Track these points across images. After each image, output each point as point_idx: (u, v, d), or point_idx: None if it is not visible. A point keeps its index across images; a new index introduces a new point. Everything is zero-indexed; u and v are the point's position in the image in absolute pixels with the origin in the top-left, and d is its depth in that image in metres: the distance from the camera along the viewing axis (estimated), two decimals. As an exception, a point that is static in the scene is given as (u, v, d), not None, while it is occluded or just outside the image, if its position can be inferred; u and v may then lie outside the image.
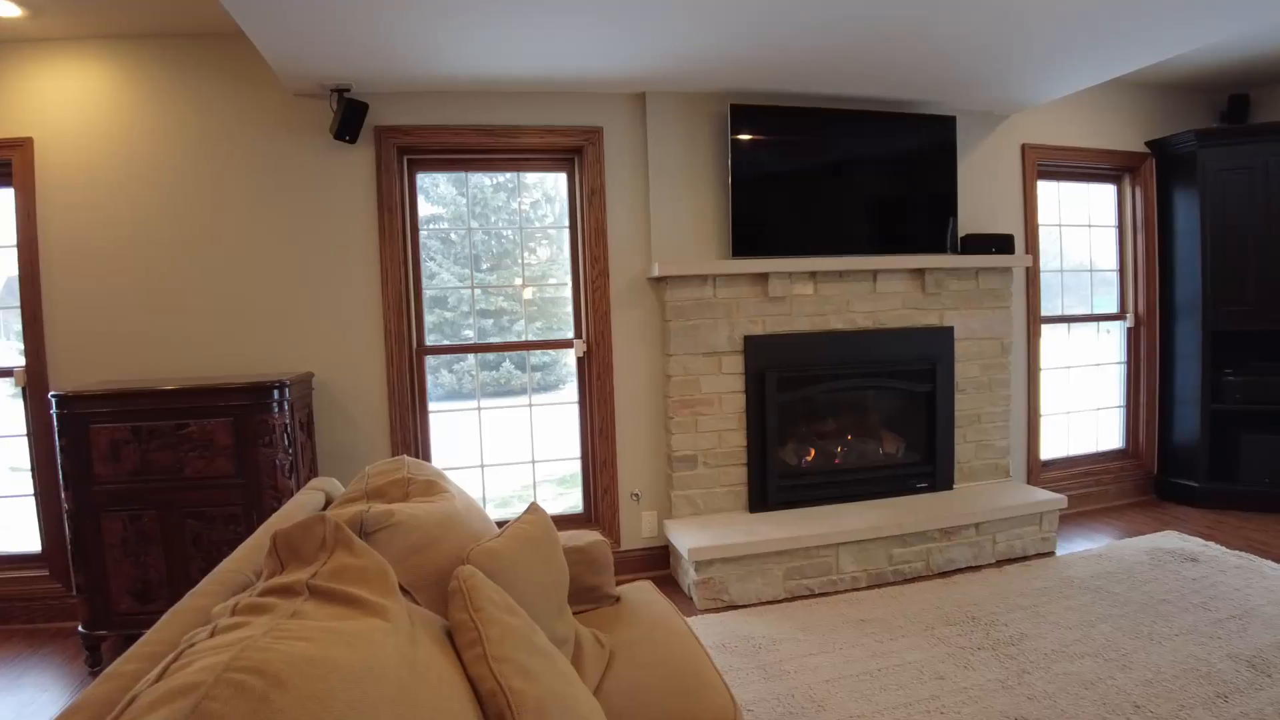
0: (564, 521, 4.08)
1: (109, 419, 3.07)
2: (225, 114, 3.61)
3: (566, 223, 4.15)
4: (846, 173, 4.19)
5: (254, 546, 1.63)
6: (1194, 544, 4.18)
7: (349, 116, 3.57)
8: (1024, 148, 4.77)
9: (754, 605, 3.62)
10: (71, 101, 3.50)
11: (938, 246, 4.36)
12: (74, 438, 3.06)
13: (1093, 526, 4.71)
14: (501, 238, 4.15)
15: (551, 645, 1.52)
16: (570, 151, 4.00)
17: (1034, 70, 3.84)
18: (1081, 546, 4.31)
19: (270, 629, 1.00)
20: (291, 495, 3.15)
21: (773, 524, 3.85)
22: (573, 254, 4.13)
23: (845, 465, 4.35)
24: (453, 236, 4.07)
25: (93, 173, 3.52)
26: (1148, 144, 5.13)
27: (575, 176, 4.06)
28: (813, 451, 4.35)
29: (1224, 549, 4.07)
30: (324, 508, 2.05)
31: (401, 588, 1.58)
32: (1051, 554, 4.20)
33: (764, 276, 4.01)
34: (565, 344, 4.13)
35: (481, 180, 4.11)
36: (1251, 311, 4.75)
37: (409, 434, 3.83)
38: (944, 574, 3.95)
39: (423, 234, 3.99)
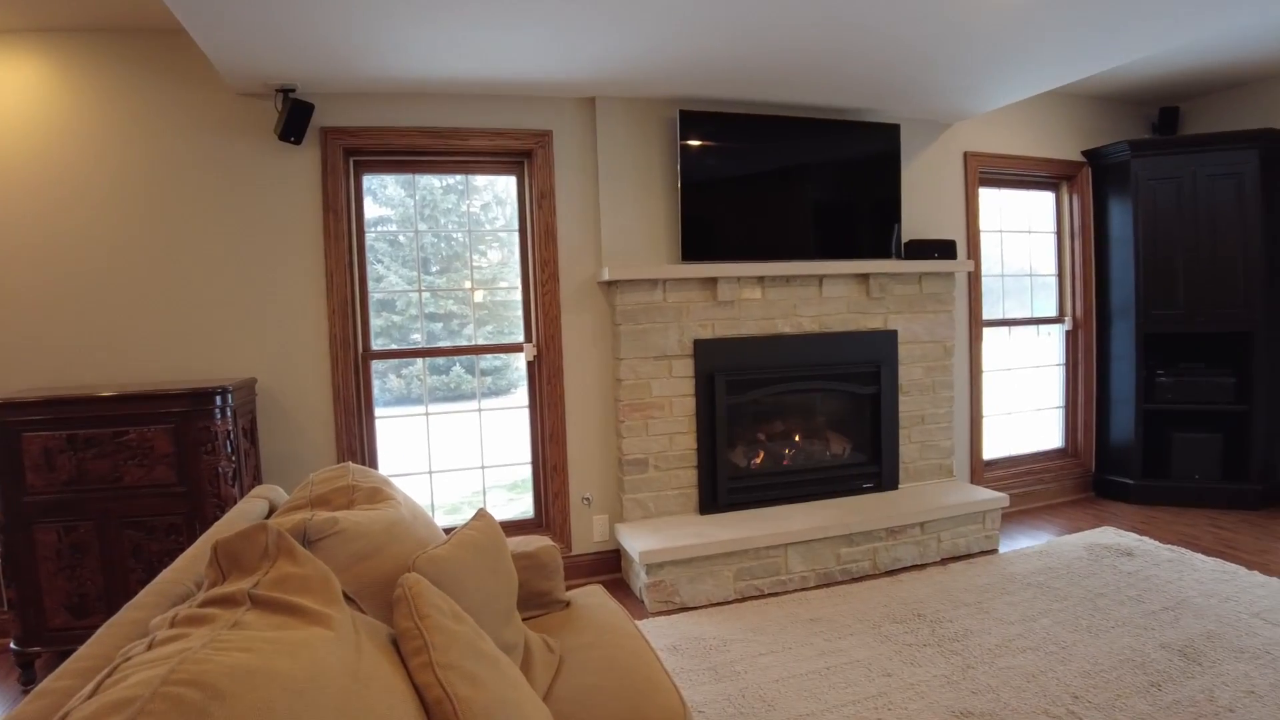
0: (515, 527, 4.06)
1: (42, 427, 2.97)
2: (166, 113, 3.52)
3: (517, 226, 4.13)
4: (794, 178, 4.25)
5: (194, 556, 1.60)
6: (1129, 539, 4.32)
7: (294, 117, 3.50)
8: (966, 155, 4.89)
9: (705, 607, 3.65)
10: (1, 97, 3.39)
11: (882, 252, 4.44)
12: (5, 447, 2.95)
13: (1034, 524, 4.84)
14: (451, 240, 4.12)
15: (499, 651, 1.52)
16: (520, 155, 3.99)
17: (975, 80, 3.94)
18: (1023, 543, 4.43)
19: (210, 640, 0.99)
20: (235, 504, 3.08)
21: (723, 525, 3.88)
22: (522, 257, 4.11)
23: (793, 466, 4.40)
24: (401, 239, 4.03)
25: (24, 171, 3.40)
26: (1084, 153, 5.30)
27: (525, 180, 4.05)
28: (761, 453, 4.40)
29: (1157, 543, 4.22)
30: (268, 516, 2.02)
31: (346, 596, 1.56)
32: (994, 551, 4.31)
33: (713, 281, 4.04)
34: (515, 348, 4.11)
35: (431, 182, 4.08)
36: (1180, 315, 4.93)
37: (355, 440, 3.77)
38: (890, 573, 4.02)
39: (371, 236, 3.94)
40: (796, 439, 4.51)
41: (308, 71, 3.37)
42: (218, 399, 3.13)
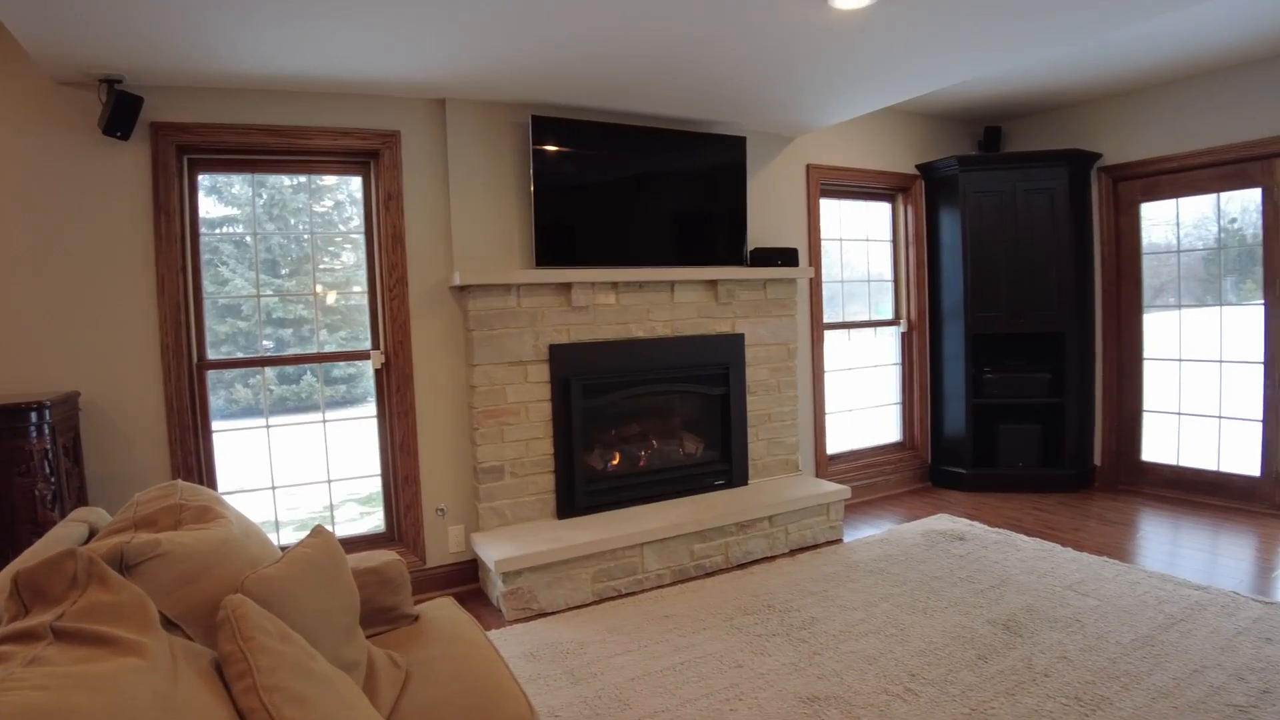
0: (367, 542, 3.93)
1: None
2: (-30, 101, 3.21)
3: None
4: (646, 187, 4.33)
5: (-4, 590, 1.49)
6: (961, 524, 4.65)
7: (120, 110, 3.25)
8: (809, 168, 5.14)
9: (563, 611, 3.66)
10: None
11: (730, 259, 4.60)
12: None
13: (876, 513, 5.12)
14: (302, 242, 3.95)
15: (333, 670, 1.49)
16: (366, 155, 3.87)
17: (814, 96, 4.15)
18: (866, 532, 4.68)
19: (-2, 681, 0.93)
20: (52, 528, 2.86)
21: (580, 529, 3.90)
22: (369, 261, 3.99)
23: (649, 467, 4.49)
24: (248, 240, 3.84)
25: None
26: (918, 167, 5.67)
27: (371, 181, 3.94)
28: (618, 455, 4.46)
29: (986, 527, 4.56)
30: (88, 540, 1.90)
31: (171, 622, 1.50)
32: (839, 541, 4.53)
33: (567, 286, 4.07)
34: (362, 355, 3.97)
35: (280, 181, 3.90)
36: (1003, 317, 5.36)
37: (190, 456, 3.55)
38: (742, 565, 4.17)
39: (214, 237, 3.73)
40: (652, 440, 4.61)
41: (135, 62, 3.14)
42: (33, 415, 2.88)
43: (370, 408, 4.04)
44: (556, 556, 3.65)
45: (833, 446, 5.46)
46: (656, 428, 4.65)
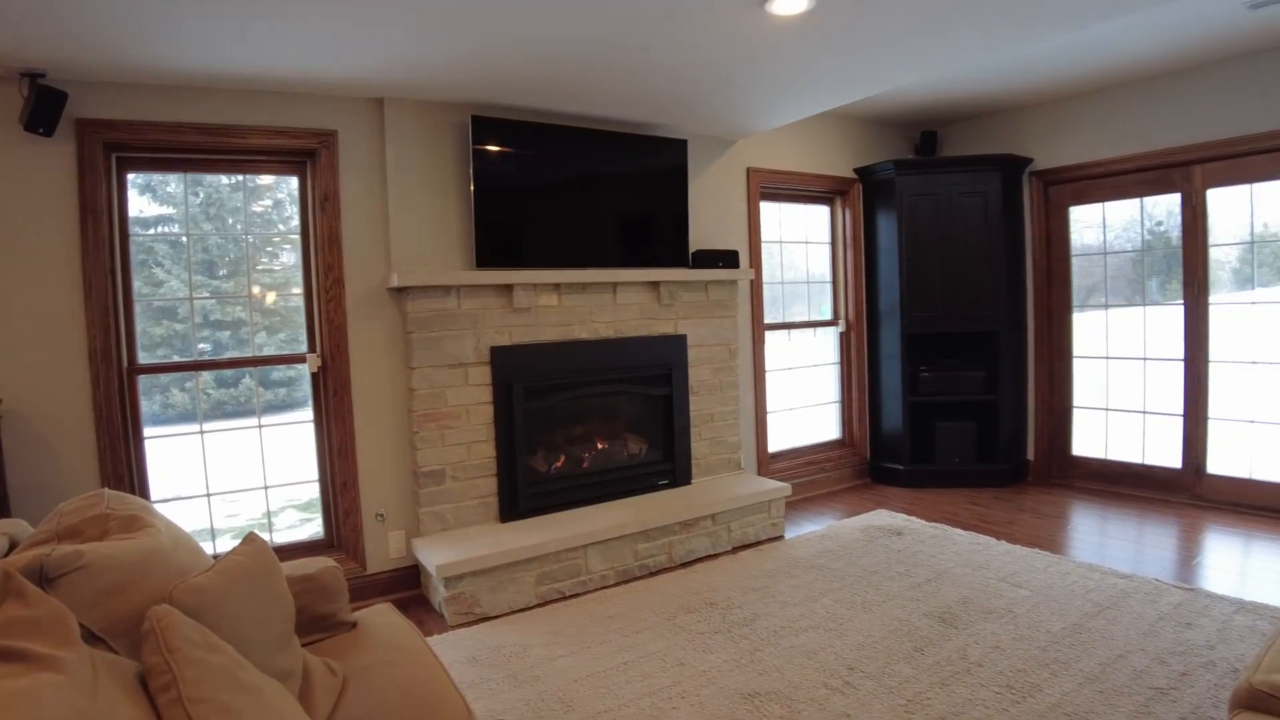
0: (305, 549, 3.86)
1: None
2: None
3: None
4: (588, 189, 4.34)
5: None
6: (899, 519, 4.76)
7: (43, 105, 3.12)
8: (749, 171, 5.20)
9: (506, 615, 3.64)
10: None
11: (673, 261, 4.64)
12: None
13: (817, 510, 5.21)
14: (241, 242, 3.86)
15: (264, 679, 1.48)
16: (301, 154, 3.80)
17: (752, 101, 4.21)
18: (807, 529, 4.76)
19: (-97, 703, 0.91)
20: (-31, 540, 2.75)
21: (523, 532, 3.89)
22: (304, 262, 3.91)
23: (593, 468, 4.49)
24: (183, 240, 3.73)
25: None
26: (856, 170, 5.78)
27: (307, 180, 3.87)
28: (562, 457, 4.45)
29: (923, 522, 4.68)
30: (8, 553, 1.84)
31: (95, 635, 1.47)
32: (781, 538, 4.60)
33: (509, 288, 4.06)
34: (298, 359, 3.90)
35: (218, 179, 3.80)
36: (938, 316, 5.49)
37: (121, 465, 3.44)
38: (685, 564, 4.21)
39: (148, 238, 3.62)
40: (596, 441, 4.61)
41: (59, 56, 3.02)
42: (-53, 424, 2.79)
43: (309, 412, 3.97)
44: (499, 560, 3.63)
45: (774, 445, 5.54)
46: (600, 429, 4.65)
